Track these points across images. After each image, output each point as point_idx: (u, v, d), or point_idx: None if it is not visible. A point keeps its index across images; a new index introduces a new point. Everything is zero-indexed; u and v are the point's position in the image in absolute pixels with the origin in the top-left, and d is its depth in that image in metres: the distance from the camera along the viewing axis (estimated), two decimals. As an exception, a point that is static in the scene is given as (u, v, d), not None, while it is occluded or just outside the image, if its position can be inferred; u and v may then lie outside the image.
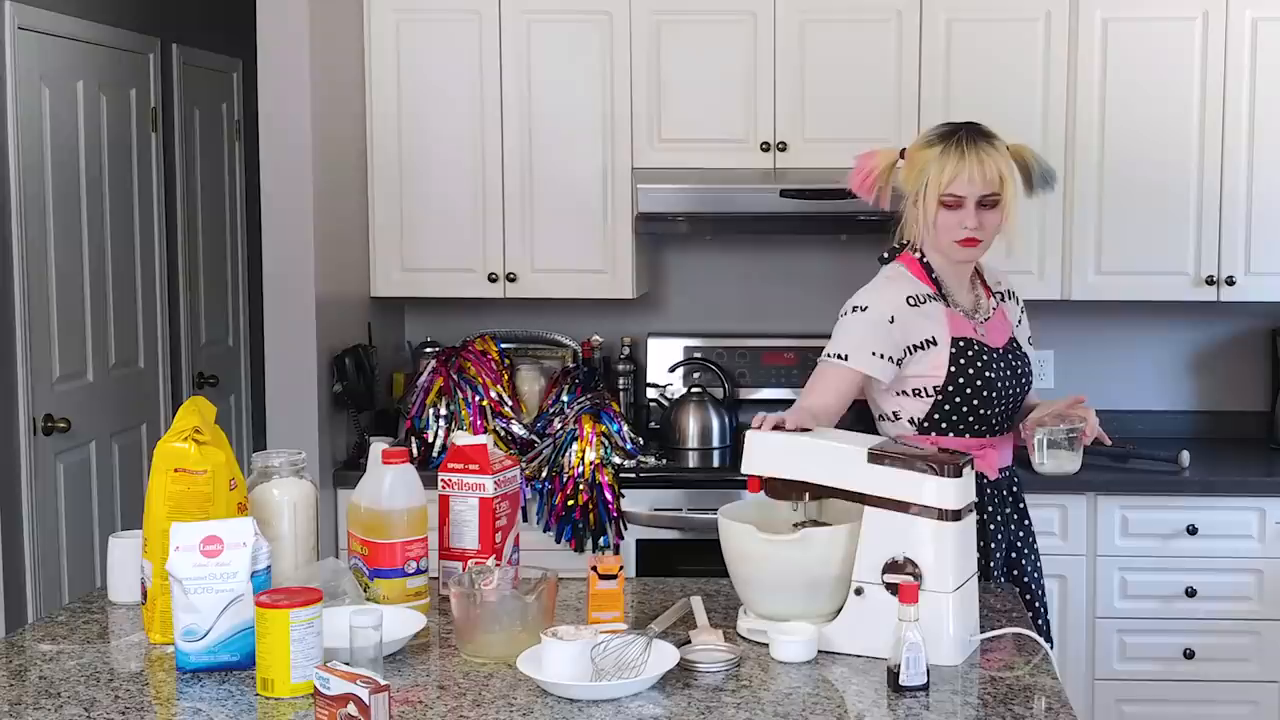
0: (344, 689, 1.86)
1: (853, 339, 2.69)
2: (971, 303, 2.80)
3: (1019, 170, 2.76)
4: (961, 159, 2.65)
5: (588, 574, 2.38)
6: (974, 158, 2.65)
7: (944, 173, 2.65)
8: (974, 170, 2.64)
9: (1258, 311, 4.29)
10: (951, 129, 2.72)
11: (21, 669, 2.20)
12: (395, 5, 4.12)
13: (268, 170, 3.90)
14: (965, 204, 2.66)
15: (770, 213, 3.98)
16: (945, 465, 2.21)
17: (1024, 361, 2.83)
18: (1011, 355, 2.80)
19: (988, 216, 2.68)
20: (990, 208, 2.67)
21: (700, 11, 4.06)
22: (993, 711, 2.02)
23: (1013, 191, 2.69)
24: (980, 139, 2.69)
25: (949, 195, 2.66)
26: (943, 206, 2.67)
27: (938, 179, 2.66)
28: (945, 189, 2.66)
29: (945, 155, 2.66)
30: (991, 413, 2.73)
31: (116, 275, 4.68)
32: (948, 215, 2.67)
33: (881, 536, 2.23)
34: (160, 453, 2.30)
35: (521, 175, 4.13)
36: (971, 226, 2.66)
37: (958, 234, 2.68)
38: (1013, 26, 4.02)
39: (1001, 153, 2.69)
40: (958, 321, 2.74)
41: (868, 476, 2.25)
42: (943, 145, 2.68)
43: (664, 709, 2.01)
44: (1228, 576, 3.82)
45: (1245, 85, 3.97)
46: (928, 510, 2.20)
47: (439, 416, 4.02)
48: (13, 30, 4.06)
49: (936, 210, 2.68)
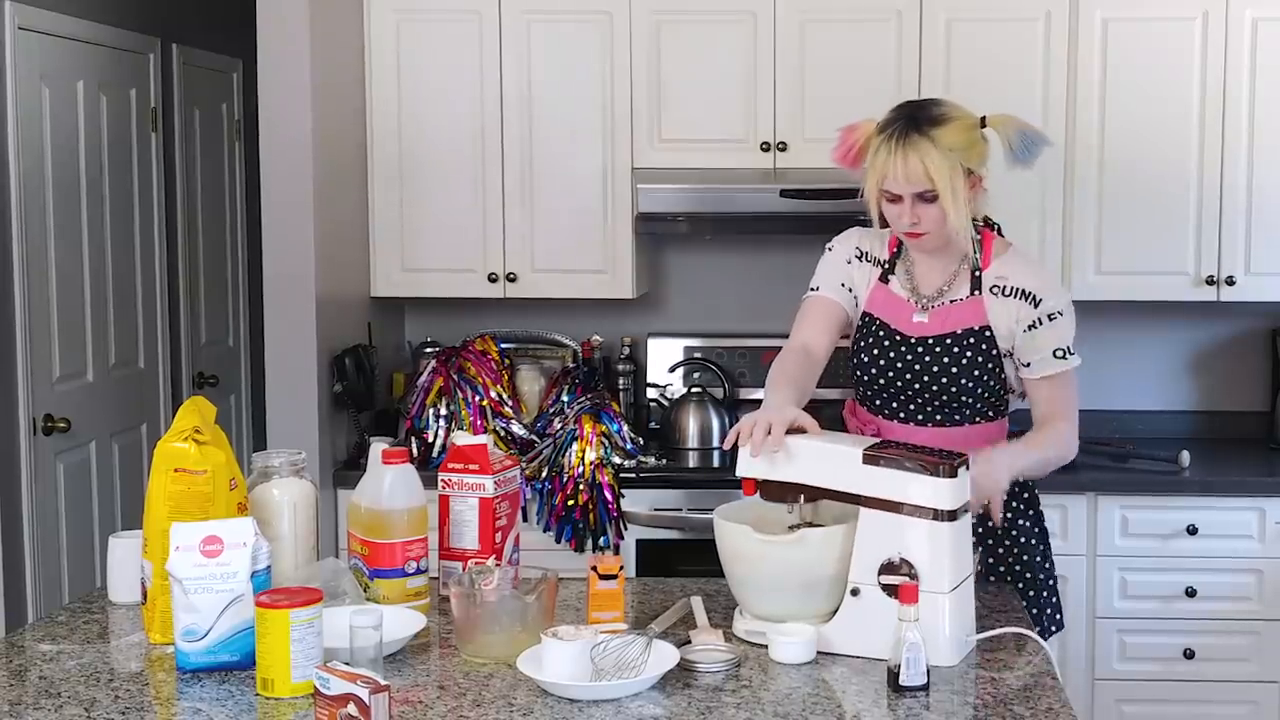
0: (344, 689, 1.86)
1: (821, 273, 2.78)
2: (934, 285, 2.69)
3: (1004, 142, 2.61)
4: (889, 156, 2.54)
5: (588, 574, 2.38)
6: (900, 156, 2.52)
7: (876, 167, 2.56)
8: (898, 169, 2.52)
9: (1258, 311, 4.29)
10: (895, 115, 2.59)
11: (21, 669, 2.20)
12: (395, 5, 4.12)
13: (268, 170, 3.90)
14: (901, 198, 2.56)
15: (770, 213, 3.98)
16: (940, 466, 2.21)
17: (965, 357, 2.64)
18: (938, 347, 2.65)
19: (926, 210, 2.55)
20: (928, 202, 2.55)
21: (700, 11, 4.06)
22: (993, 711, 2.02)
23: (947, 185, 2.51)
24: (915, 131, 2.52)
25: (884, 190, 2.58)
26: (884, 197, 2.59)
27: (873, 168, 2.57)
28: (880, 184, 2.57)
29: (880, 148, 2.55)
30: (903, 398, 2.66)
31: (116, 275, 4.68)
32: (889, 207, 2.59)
33: (877, 537, 2.23)
34: (160, 453, 2.30)
35: (522, 175, 4.13)
36: (909, 222, 2.57)
37: (901, 225, 2.59)
38: (1013, 26, 4.02)
39: (941, 143, 2.51)
40: (882, 296, 2.71)
41: (862, 477, 2.25)
42: (881, 136, 2.56)
43: (664, 709, 2.01)
44: (1228, 576, 3.82)
45: (1245, 85, 3.97)
46: (922, 510, 2.20)
47: (439, 416, 4.02)
48: (13, 30, 4.06)
49: (879, 200, 2.60)
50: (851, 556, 2.26)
